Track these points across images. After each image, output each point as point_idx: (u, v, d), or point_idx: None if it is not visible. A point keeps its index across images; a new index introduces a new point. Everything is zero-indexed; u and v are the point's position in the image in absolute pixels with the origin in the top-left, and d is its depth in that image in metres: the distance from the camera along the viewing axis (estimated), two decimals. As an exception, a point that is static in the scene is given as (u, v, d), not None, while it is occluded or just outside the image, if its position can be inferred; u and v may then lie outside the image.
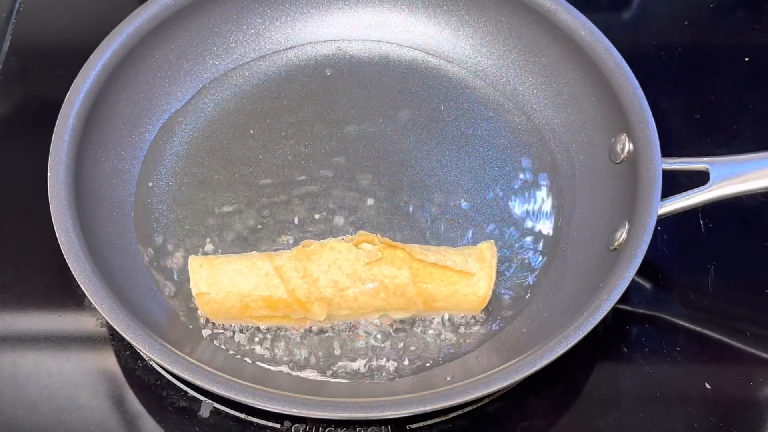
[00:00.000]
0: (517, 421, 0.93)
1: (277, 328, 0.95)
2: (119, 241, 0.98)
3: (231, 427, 0.92)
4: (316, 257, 0.92)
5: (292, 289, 0.91)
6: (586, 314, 0.87)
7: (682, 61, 1.22)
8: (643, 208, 0.92)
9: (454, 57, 1.15)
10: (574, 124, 1.08)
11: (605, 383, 0.96)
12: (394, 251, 0.92)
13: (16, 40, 1.21)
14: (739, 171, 0.95)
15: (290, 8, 1.15)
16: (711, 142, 1.14)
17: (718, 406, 0.94)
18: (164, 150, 1.07)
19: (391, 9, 1.17)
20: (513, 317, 0.96)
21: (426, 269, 0.92)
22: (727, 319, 1.01)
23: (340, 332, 0.95)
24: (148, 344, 0.85)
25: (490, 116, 1.11)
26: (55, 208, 0.92)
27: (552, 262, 1.00)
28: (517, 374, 0.84)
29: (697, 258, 1.04)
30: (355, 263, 0.91)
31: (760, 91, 1.20)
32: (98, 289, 0.87)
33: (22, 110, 1.15)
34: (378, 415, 0.83)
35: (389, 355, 0.94)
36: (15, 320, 0.99)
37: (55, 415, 0.92)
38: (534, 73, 1.12)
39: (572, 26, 1.05)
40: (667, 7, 1.29)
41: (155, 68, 1.08)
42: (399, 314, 0.94)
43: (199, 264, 0.93)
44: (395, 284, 0.91)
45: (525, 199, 1.05)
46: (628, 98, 0.99)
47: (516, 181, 1.06)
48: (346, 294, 0.91)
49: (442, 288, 0.92)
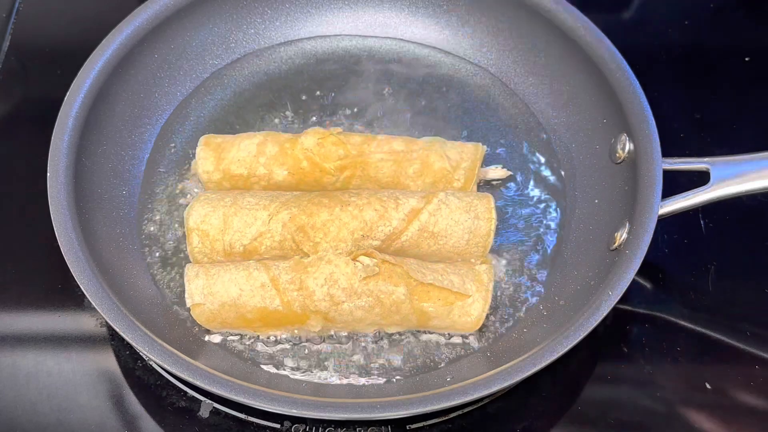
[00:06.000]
0: (517, 421, 0.93)
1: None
2: (119, 241, 0.98)
3: (231, 427, 0.92)
4: (312, 270, 0.91)
5: (288, 301, 0.91)
6: (586, 314, 0.87)
7: (682, 62, 1.22)
8: (643, 208, 0.92)
9: (454, 56, 1.15)
10: (574, 124, 1.08)
11: (605, 383, 0.96)
12: (391, 267, 0.92)
13: (16, 40, 1.21)
14: (739, 171, 0.95)
15: (290, 7, 1.15)
16: (711, 142, 1.14)
17: (718, 406, 0.94)
18: (164, 150, 1.07)
19: (391, 8, 1.17)
20: (513, 317, 0.96)
21: (423, 287, 0.91)
22: (728, 319, 1.01)
23: (341, 334, 0.95)
24: (147, 345, 0.85)
25: (491, 116, 1.11)
26: (55, 208, 0.92)
27: (552, 262, 1.00)
28: (517, 374, 0.84)
29: (697, 258, 1.04)
30: (352, 277, 0.91)
31: (760, 91, 1.20)
32: (98, 289, 0.87)
33: (22, 110, 1.15)
34: (378, 415, 0.83)
35: (389, 355, 0.94)
36: (15, 320, 0.99)
37: (55, 415, 0.92)
38: (534, 73, 1.12)
39: (572, 26, 1.05)
40: (667, 7, 1.29)
41: (155, 68, 1.08)
42: (393, 329, 0.94)
43: (195, 273, 0.92)
44: (391, 300, 0.91)
45: (525, 199, 1.05)
46: (628, 98, 0.99)
47: (516, 180, 1.06)
48: (342, 308, 0.91)
49: (438, 307, 0.92)
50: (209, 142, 1.02)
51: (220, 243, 0.95)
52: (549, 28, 1.08)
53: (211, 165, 1.01)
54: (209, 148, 1.01)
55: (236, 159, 1.00)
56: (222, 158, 1.01)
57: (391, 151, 1.01)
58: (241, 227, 0.95)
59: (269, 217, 0.94)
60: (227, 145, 1.01)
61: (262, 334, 0.94)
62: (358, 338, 0.95)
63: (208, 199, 0.96)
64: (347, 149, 1.00)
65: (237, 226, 0.95)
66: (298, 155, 1.00)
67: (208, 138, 1.03)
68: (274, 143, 1.01)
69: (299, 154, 1.00)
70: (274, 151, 1.00)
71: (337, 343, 0.94)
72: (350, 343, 0.94)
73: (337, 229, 0.94)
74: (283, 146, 1.01)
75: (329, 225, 0.94)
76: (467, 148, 1.03)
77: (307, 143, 1.00)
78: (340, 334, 0.95)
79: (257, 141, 1.01)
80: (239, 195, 0.97)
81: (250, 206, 0.95)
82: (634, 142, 0.97)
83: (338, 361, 0.93)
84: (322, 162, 0.99)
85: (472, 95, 1.13)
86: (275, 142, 1.01)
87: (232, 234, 0.95)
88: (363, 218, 0.94)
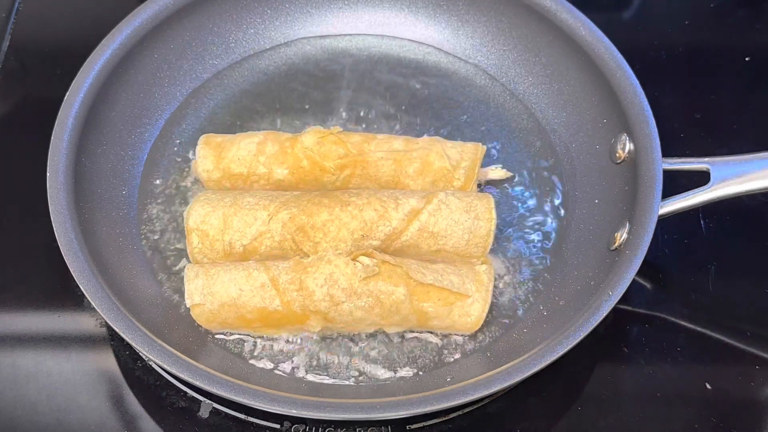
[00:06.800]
0: (517, 421, 0.93)
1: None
2: (119, 241, 0.98)
3: (231, 428, 0.92)
4: (312, 270, 0.91)
5: (287, 301, 0.91)
6: (587, 314, 0.87)
7: (682, 61, 1.22)
8: (643, 208, 0.92)
9: (454, 56, 1.15)
10: (574, 124, 1.08)
11: (605, 383, 0.96)
12: (391, 267, 0.92)
13: (15, 40, 1.20)
14: (739, 171, 0.95)
15: (290, 7, 1.15)
16: (711, 142, 1.13)
17: (718, 406, 0.95)
18: (164, 150, 1.07)
19: (391, 8, 1.17)
20: (513, 317, 0.96)
21: (423, 287, 0.91)
22: (728, 319, 1.01)
23: (341, 334, 0.95)
24: (147, 345, 0.85)
25: (490, 115, 1.11)
26: (54, 208, 0.92)
27: (552, 262, 1.00)
28: (517, 374, 0.84)
29: (697, 258, 1.04)
30: (352, 278, 0.90)
31: (760, 91, 1.20)
32: (98, 289, 0.87)
33: (22, 110, 1.15)
34: (378, 415, 0.83)
35: (389, 356, 0.94)
36: (15, 320, 0.99)
37: (55, 415, 0.92)
38: (534, 73, 1.12)
39: (572, 26, 1.05)
40: (667, 7, 1.29)
41: (155, 68, 1.08)
42: (393, 329, 0.94)
43: (195, 273, 0.92)
44: (391, 301, 0.91)
45: (525, 199, 1.04)
46: (628, 98, 0.99)
47: (516, 180, 1.06)
48: (341, 308, 0.91)
49: (438, 307, 0.92)
50: (209, 141, 1.02)
51: (220, 243, 0.95)
52: (549, 28, 1.08)
53: (211, 164, 1.01)
54: (209, 147, 1.01)
55: (236, 158, 1.00)
56: (222, 157, 1.01)
57: (391, 150, 1.01)
58: (241, 227, 0.95)
59: (269, 217, 0.94)
60: (227, 144, 1.01)
61: (261, 335, 0.94)
62: (357, 338, 0.95)
63: (207, 199, 0.96)
64: (347, 148, 1.00)
65: (237, 226, 0.95)
66: (298, 154, 1.00)
67: (208, 137, 1.03)
68: (274, 142, 1.01)
69: (299, 153, 1.00)
70: (274, 150, 1.00)
71: (336, 343, 0.94)
72: (350, 344, 0.94)
73: (337, 229, 0.94)
74: (283, 145, 1.01)
75: (329, 225, 0.94)
76: (467, 147, 1.03)
77: (307, 142, 1.00)
78: (342, 335, 0.95)
79: (257, 140, 1.01)
80: (239, 195, 0.97)
81: (250, 206, 0.95)
82: (634, 142, 0.97)
83: (338, 362, 0.93)
84: (322, 161, 0.99)
85: (472, 95, 1.13)
86: (275, 141, 1.01)
87: (232, 234, 0.95)
88: (363, 218, 0.94)
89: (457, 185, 1.00)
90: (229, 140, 1.02)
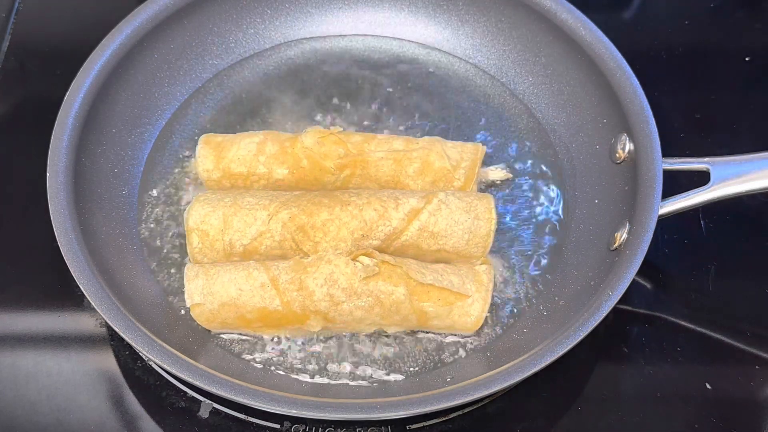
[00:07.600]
0: (517, 421, 0.93)
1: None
2: (119, 241, 0.98)
3: (231, 428, 0.92)
4: (312, 270, 0.91)
5: (287, 301, 0.91)
6: (587, 314, 0.87)
7: (682, 61, 1.22)
8: (643, 208, 0.92)
9: (454, 56, 1.15)
10: (574, 124, 1.08)
11: (605, 383, 0.96)
12: (391, 267, 0.92)
13: (15, 40, 1.20)
14: (739, 171, 0.95)
15: (290, 7, 1.15)
16: (711, 142, 1.13)
17: (718, 406, 0.95)
18: (164, 150, 1.07)
19: (391, 8, 1.17)
20: (513, 317, 0.96)
21: (423, 287, 0.91)
22: (728, 319, 1.01)
23: (341, 335, 0.95)
24: (147, 345, 0.85)
25: (490, 115, 1.11)
26: (54, 208, 0.92)
27: (552, 262, 1.00)
28: (517, 374, 0.84)
29: (697, 258, 1.04)
30: (352, 278, 0.90)
31: (760, 91, 1.20)
32: (98, 289, 0.87)
33: (22, 110, 1.15)
34: (378, 415, 0.83)
35: (389, 356, 0.94)
36: (15, 320, 0.99)
37: (55, 415, 0.92)
38: (534, 73, 1.12)
39: (572, 26, 1.05)
40: (667, 7, 1.29)
41: (155, 68, 1.08)
42: (393, 329, 0.94)
43: (195, 273, 0.92)
44: (391, 300, 0.91)
45: (525, 199, 1.04)
46: (628, 98, 0.99)
47: (516, 180, 1.06)
48: (341, 308, 0.91)
49: (438, 307, 0.92)
50: (209, 140, 1.02)
51: (220, 243, 0.95)
52: (549, 28, 1.08)
53: (211, 163, 1.01)
54: (209, 146, 1.01)
55: (236, 157, 1.00)
56: (222, 157, 1.01)
57: (391, 150, 1.01)
58: (241, 227, 0.95)
59: (269, 217, 0.94)
60: (227, 144, 1.01)
61: (261, 334, 0.94)
62: (358, 338, 0.95)
63: (207, 199, 0.96)
64: (347, 148, 1.00)
65: (237, 226, 0.95)
66: (298, 154, 1.00)
67: (208, 137, 1.03)
68: (274, 142, 1.01)
69: (299, 153, 1.00)
70: (274, 149, 1.01)
71: (336, 343, 0.94)
72: (350, 344, 0.94)
73: (336, 228, 0.94)
74: (283, 145, 1.01)
75: (329, 225, 0.94)
76: (467, 147, 1.03)
77: (307, 142, 1.00)
78: (342, 335, 0.95)
79: (257, 140, 1.01)
80: (239, 195, 0.97)
81: (250, 206, 0.95)
82: (634, 142, 0.97)
83: (338, 362, 0.93)
84: (322, 161, 0.99)
85: (472, 95, 1.13)
86: (275, 141, 1.01)
87: (232, 234, 0.95)
88: (363, 218, 0.94)
89: (457, 185, 1.01)
90: (229, 140, 1.02)
